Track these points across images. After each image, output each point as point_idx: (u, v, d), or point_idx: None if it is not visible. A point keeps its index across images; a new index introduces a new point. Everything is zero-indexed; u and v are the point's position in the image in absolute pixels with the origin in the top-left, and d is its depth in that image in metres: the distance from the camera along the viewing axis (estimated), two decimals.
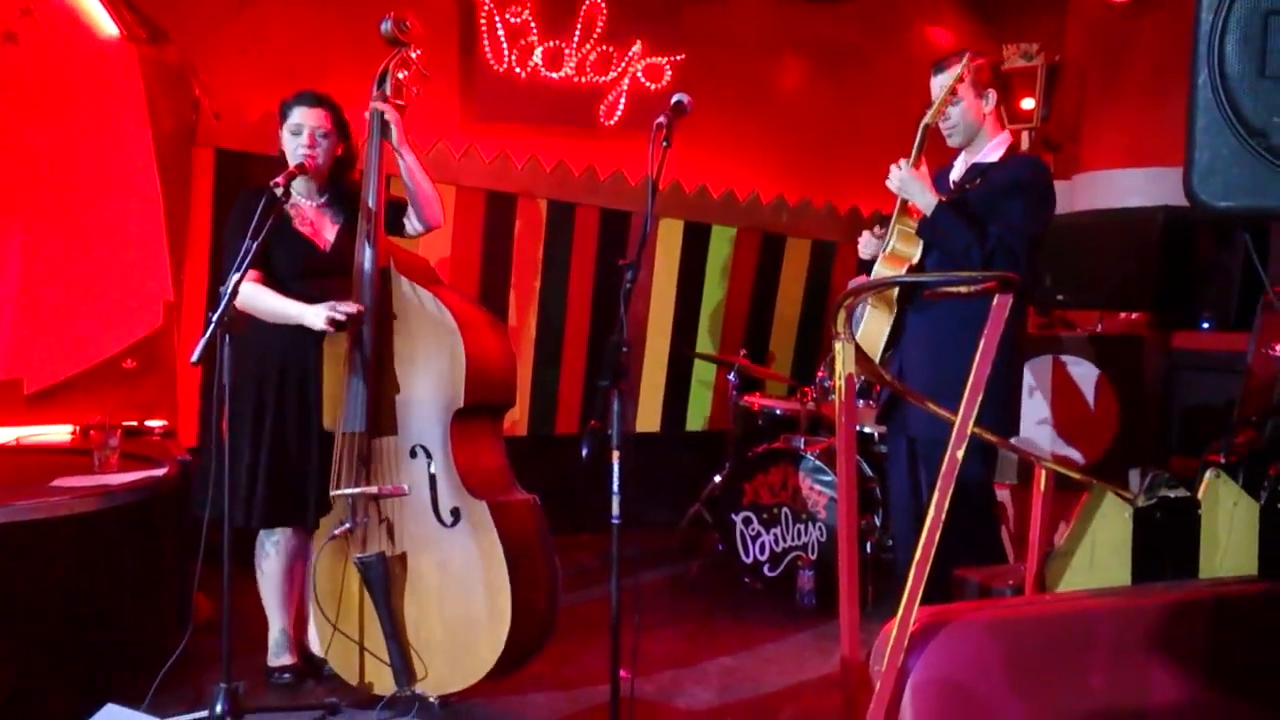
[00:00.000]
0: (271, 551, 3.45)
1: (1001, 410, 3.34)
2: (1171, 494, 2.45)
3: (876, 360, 3.34)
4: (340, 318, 3.16)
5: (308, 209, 3.41)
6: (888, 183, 3.37)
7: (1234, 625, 2.30)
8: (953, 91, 3.30)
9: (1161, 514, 2.43)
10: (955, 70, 3.33)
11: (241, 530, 3.33)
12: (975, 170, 3.43)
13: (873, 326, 3.42)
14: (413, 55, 3.34)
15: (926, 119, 3.34)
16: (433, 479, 3.17)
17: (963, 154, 3.53)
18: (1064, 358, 4.76)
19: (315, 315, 3.19)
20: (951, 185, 3.49)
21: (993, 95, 3.42)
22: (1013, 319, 3.41)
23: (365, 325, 3.20)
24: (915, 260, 3.37)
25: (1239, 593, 2.37)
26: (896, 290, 3.43)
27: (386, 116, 3.27)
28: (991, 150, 3.44)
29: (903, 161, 3.35)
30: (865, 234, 3.60)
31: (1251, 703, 2.26)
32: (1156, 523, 2.42)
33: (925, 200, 3.31)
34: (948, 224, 3.28)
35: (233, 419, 3.27)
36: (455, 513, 3.15)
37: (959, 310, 3.31)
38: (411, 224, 3.44)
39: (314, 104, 3.34)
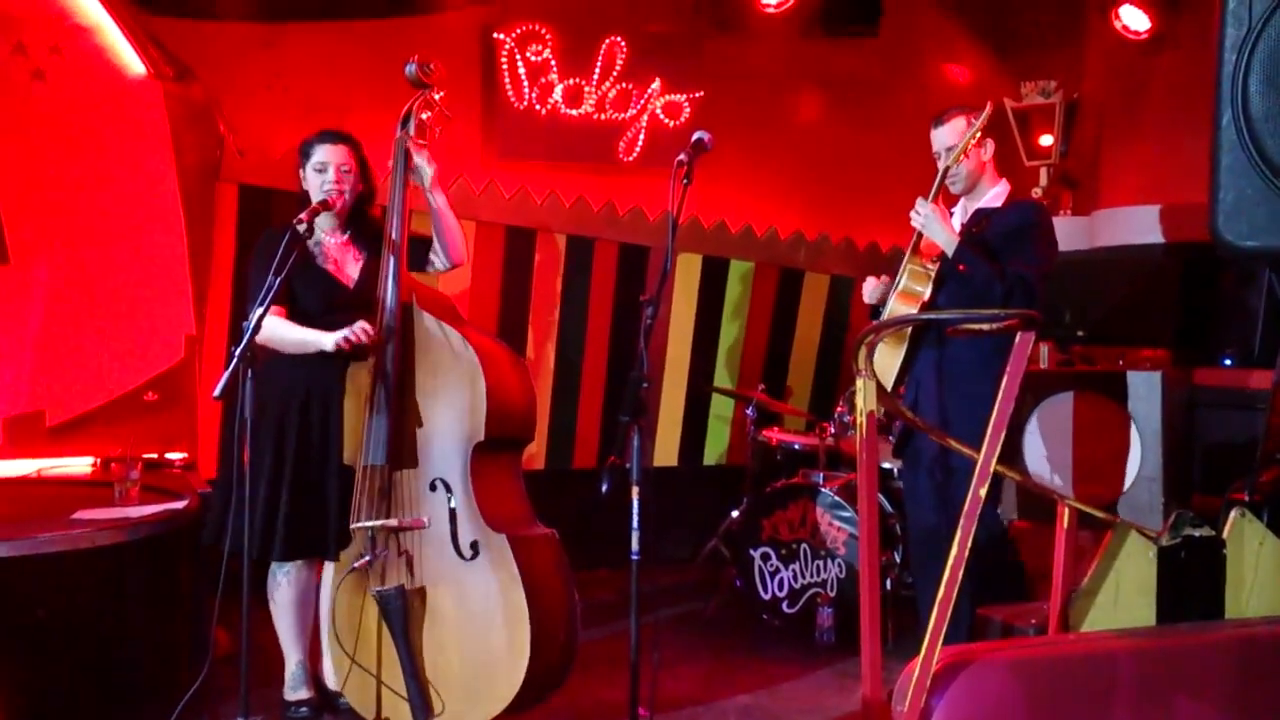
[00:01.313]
0: (284, 581, 3.45)
1: (1011, 441, 3.40)
2: (1196, 533, 2.43)
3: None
4: (353, 338, 3.18)
5: (331, 245, 3.44)
6: (912, 220, 3.47)
7: (1261, 667, 2.27)
8: (974, 138, 3.44)
9: (1186, 553, 2.41)
10: (959, 121, 3.50)
11: (259, 563, 3.33)
12: (979, 215, 3.57)
13: (885, 360, 3.46)
14: (436, 97, 3.39)
15: (948, 162, 3.48)
16: (452, 512, 3.17)
17: (962, 200, 3.68)
18: (1083, 394, 4.74)
19: (329, 339, 3.22)
20: (957, 229, 3.56)
21: (990, 144, 3.60)
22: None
23: (387, 359, 3.22)
24: (926, 297, 3.48)
25: (1266, 634, 2.35)
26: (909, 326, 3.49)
27: (421, 163, 3.32)
28: (993, 197, 3.60)
29: (922, 198, 3.47)
30: (869, 279, 3.67)
31: None
32: (1181, 562, 2.40)
33: (946, 238, 3.43)
34: (969, 259, 3.40)
35: (254, 452, 3.28)
36: (475, 546, 3.14)
37: (973, 344, 3.36)
38: (438, 259, 3.48)
39: (337, 141, 3.38)
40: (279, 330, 3.28)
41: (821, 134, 6.29)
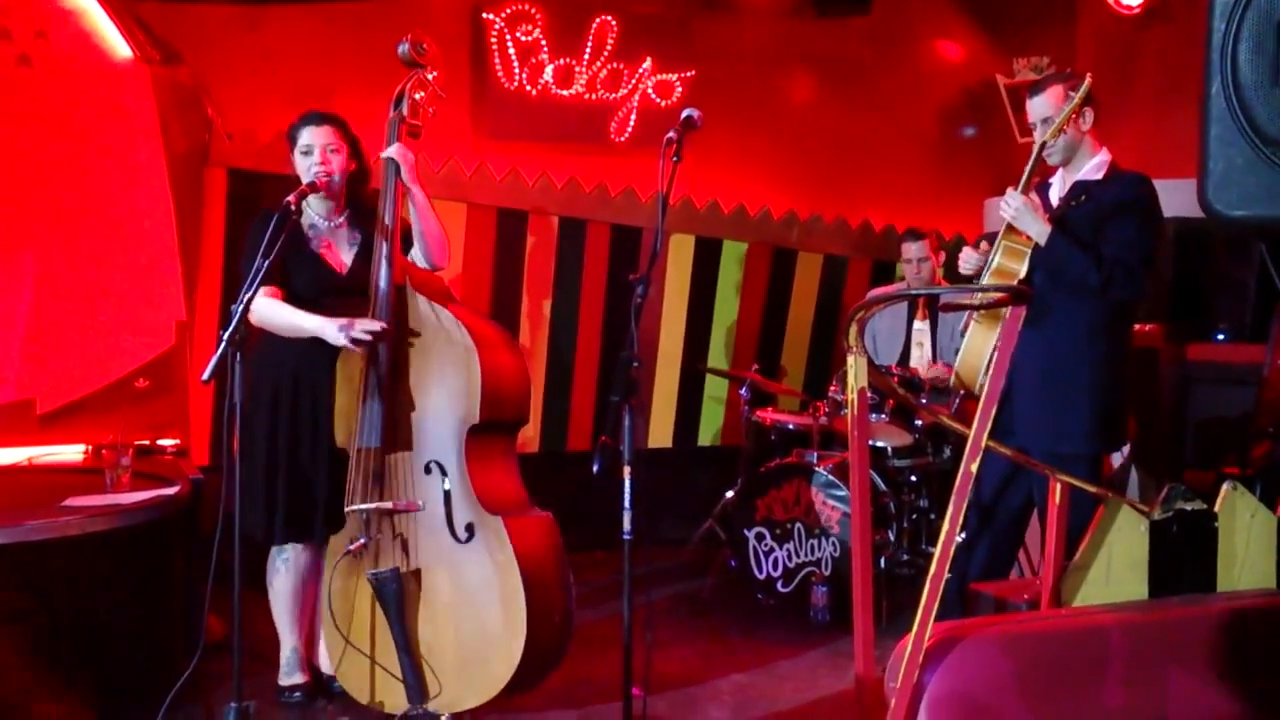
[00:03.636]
0: (282, 569, 3.45)
1: (1109, 424, 3.35)
2: (1188, 507, 2.43)
3: (980, 375, 3.29)
4: (366, 338, 3.16)
5: (325, 229, 3.42)
6: (1001, 212, 3.30)
7: (1253, 639, 2.27)
8: (1073, 112, 3.26)
9: (1178, 527, 2.40)
10: (1057, 90, 3.32)
11: (253, 549, 3.32)
12: (1079, 188, 3.39)
13: (978, 342, 3.31)
14: (429, 77, 3.35)
15: (1044, 136, 3.29)
16: (447, 495, 3.17)
17: (1061, 171, 3.49)
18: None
19: (335, 332, 3.19)
20: (1055, 203, 3.44)
21: (1089, 113, 3.37)
22: (1120, 334, 3.40)
23: (381, 342, 3.21)
24: (1022, 275, 3.29)
25: (1257, 606, 2.35)
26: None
27: (397, 159, 3.26)
28: (1094, 169, 3.41)
29: (1013, 190, 3.29)
30: (966, 249, 3.54)
31: (1272, 718, 2.23)
32: (1173, 536, 2.40)
33: (1038, 229, 3.26)
34: (1063, 250, 3.26)
35: (248, 436, 3.28)
36: (470, 528, 3.14)
37: (1074, 324, 3.28)
38: (419, 259, 3.43)
39: (320, 122, 3.35)
40: (275, 312, 3.26)
41: (814, 113, 6.27)
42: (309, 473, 3.34)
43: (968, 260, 3.52)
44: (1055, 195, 3.47)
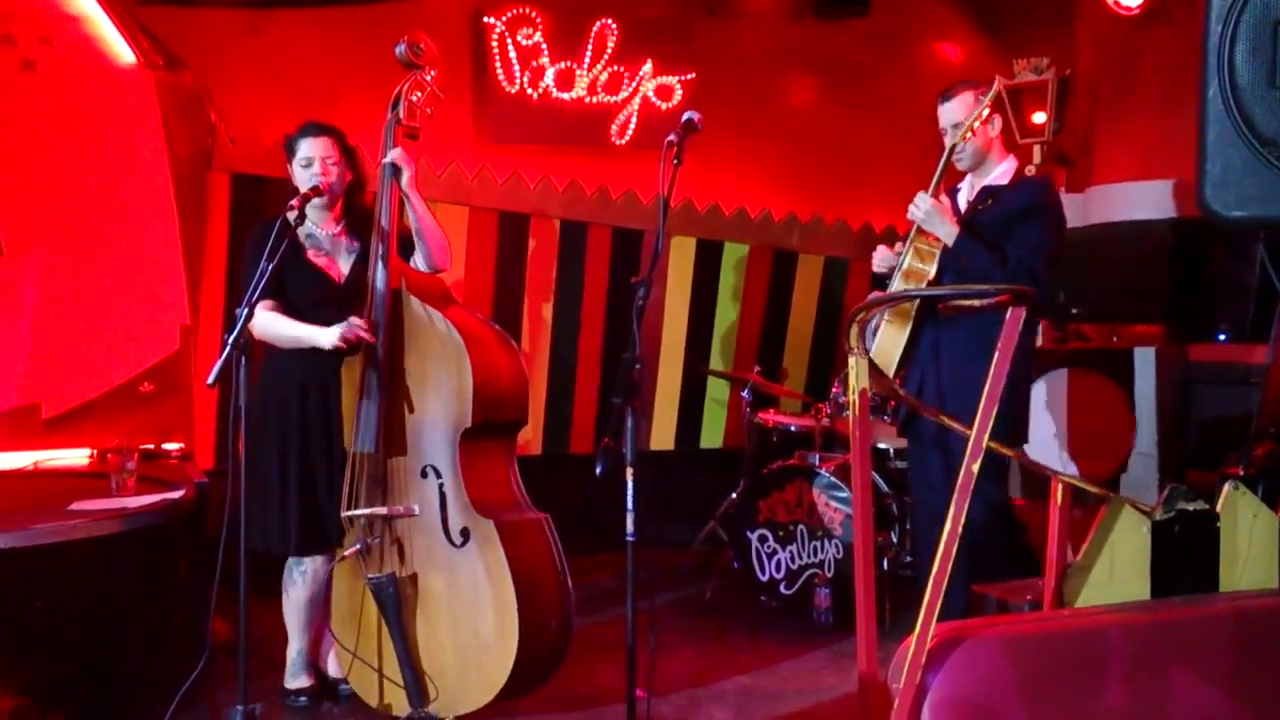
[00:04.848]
0: (299, 580, 3.45)
1: (1011, 423, 3.42)
2: (1190, 507, 2.43)
3: (890, 374, 3.37)
4: (351, 338, 3.18)
5: (323, 238, 3.44)
6: (910, 215, 3.43)
7: (1255, 639, 2.27)
8: (979, 117, 3.37)
9: (1180, 527, 2.41)
10: (968, 96, 3.44)
11: (261, 554, 3.32)
12: (986, 193, 3.52)
13: (887, 341, 3.45)
14: (427, 78, 3.36)
15: (954, 139, 3.42)
16: (443, 499, 3.18)
17: (969, 177, 3.63)
18: (1078, 370, 4.74)
19: (327, 337, 3.21)
20: (963, 207, 3.55)
21: (998, 120, 3.55)
22: (1023, 334, 3.44)
23: (377, 346, 3.22)
24: (931, 276, 3.43)
25: (1260, 606, 2.35)
26: (914, 305, 3.45)
27: (399, 164, 3.28)
28: (1001, 175, 3.54)
29: (923, 193, 3.41)
30: (880, 248, 3.62)
31: (1274, 719, 2.23)
32: (1175, 536, 2.41)
33: (946, 230, 3.39)
34: (970, 251, 3.37)
35: (259, 445, 3.28)
36: (465, 533, 3.15)
37: (979, 324, 3.33)
38: (420, 261, 3.45)
39: (319, 133, 3.37)
40: (272, 325, 3.28)
41: (814, 116, 6.28)
42: (324, 482, 3.35)
43: (881, 260, 3.60)
44: (963, 200, 3.58)
